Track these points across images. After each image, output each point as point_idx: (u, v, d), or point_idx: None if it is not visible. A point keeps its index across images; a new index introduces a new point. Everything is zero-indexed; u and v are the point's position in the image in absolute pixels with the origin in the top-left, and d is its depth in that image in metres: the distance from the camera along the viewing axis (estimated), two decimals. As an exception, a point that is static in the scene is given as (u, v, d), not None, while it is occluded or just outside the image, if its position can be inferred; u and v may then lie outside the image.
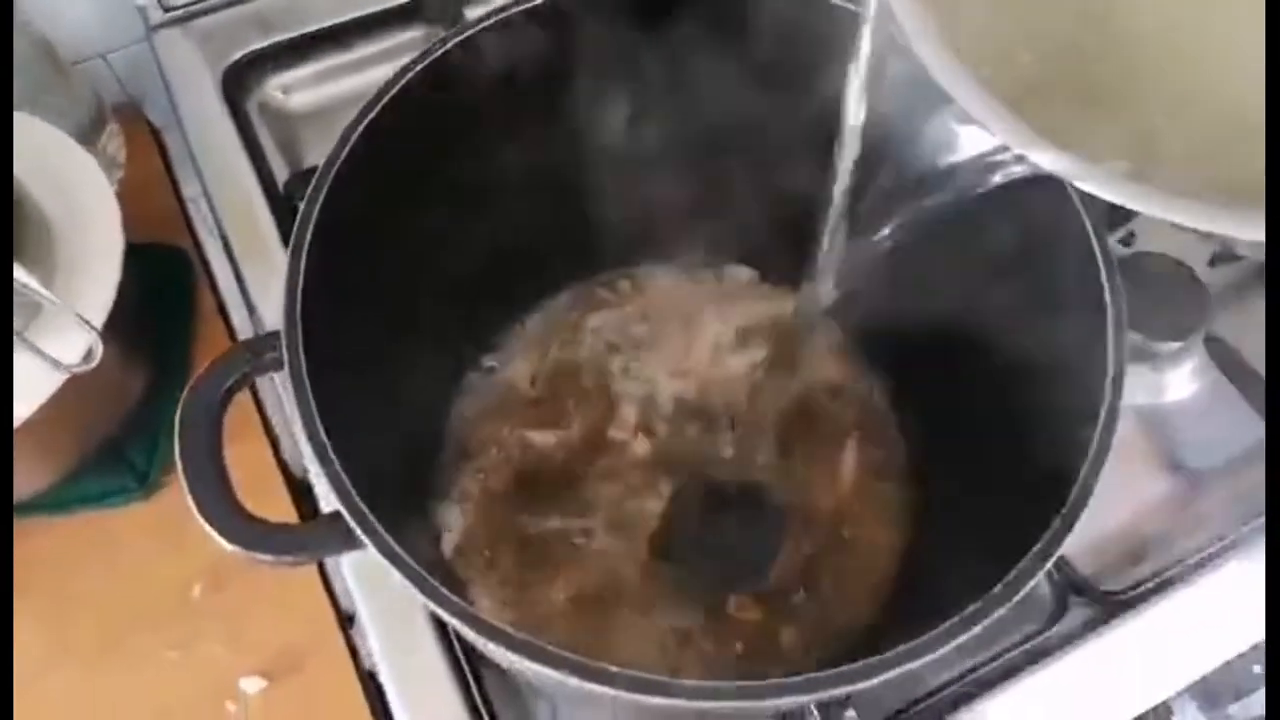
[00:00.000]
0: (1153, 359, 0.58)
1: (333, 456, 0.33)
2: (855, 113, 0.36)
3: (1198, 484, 0.56)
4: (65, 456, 0.56)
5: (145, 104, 0.73)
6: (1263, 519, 0.53)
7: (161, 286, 0.64)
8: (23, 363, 0.48)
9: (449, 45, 0.42)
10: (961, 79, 0.31)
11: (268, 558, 0.34)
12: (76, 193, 0.55)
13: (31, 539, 0.57)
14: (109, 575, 0.57)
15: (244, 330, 0.63)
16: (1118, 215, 0.44)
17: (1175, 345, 0.57)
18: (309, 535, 0.35)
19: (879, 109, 0.36)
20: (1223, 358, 0.56)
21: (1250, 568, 0.51)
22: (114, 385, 0.57)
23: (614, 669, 0.30)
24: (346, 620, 0.55)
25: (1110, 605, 0.51)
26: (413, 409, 0.45)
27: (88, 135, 0.66)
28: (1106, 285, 0.38)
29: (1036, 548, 0.34)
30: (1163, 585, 0.52)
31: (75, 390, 0.49)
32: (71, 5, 0.66)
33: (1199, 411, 0.58)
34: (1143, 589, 0.52)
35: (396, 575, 0.32)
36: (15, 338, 0.47)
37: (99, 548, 0.58)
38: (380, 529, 0.32)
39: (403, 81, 0.41)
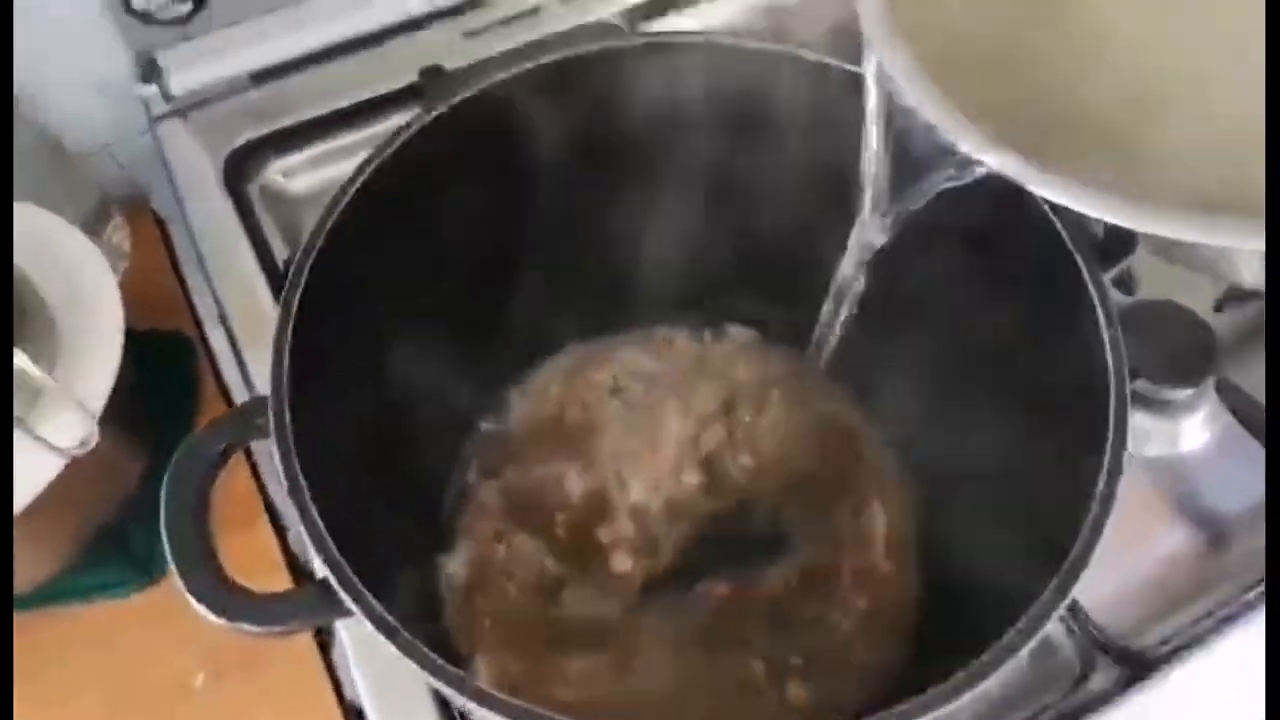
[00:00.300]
0: (1163, 408, 0.57)
1: (313, 511, 0.32)
2: (877, 175, 0.37)
3: (1221, 535, 0.55)
4: (64, 545, 0.56)
5: (150, 195, 0.74)
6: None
7: (164, 372, 0.64)
8: (21, 450, 0.48)
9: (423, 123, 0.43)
10: (947, 109, 0.31)
11: (253, 628, 0.33)
12: (78, 279, 0.56)
13: (32, 625, 0.56)
14: (110, 663, 0.56)
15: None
16: (1112, 252, 0.44)
17: (1186, 392, 0.56)
18: (295, 602, 0.34)
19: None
20: (1235, 401, 0.55)
21: (1280, 619, 0.49)
22: (112, 471, 0.57)
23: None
24: (353, 714, 0.53)
25: (1138, 663, 0.49)
26: (406, 479, 0.45)
27: (92, 226, 0.67)
28: (1104, 323, 0.37)
29: (1044, 596, 0.33)
30: (1191, 641, 0.50)
31: (73, 476, 0.49)
32: (76, 98, 0.68)
33: (1215, 460, 0.57)
34: (1172, 645, 0.50)
35: (387, 646, 0.31)
36: (15, 425, 0.47)
37: (100, 634, 0.57)
38: (366, 593, 0.31)
39: (377, 161, 0.42)
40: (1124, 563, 0.54)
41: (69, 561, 0.56)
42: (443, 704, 0.47)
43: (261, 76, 0.69)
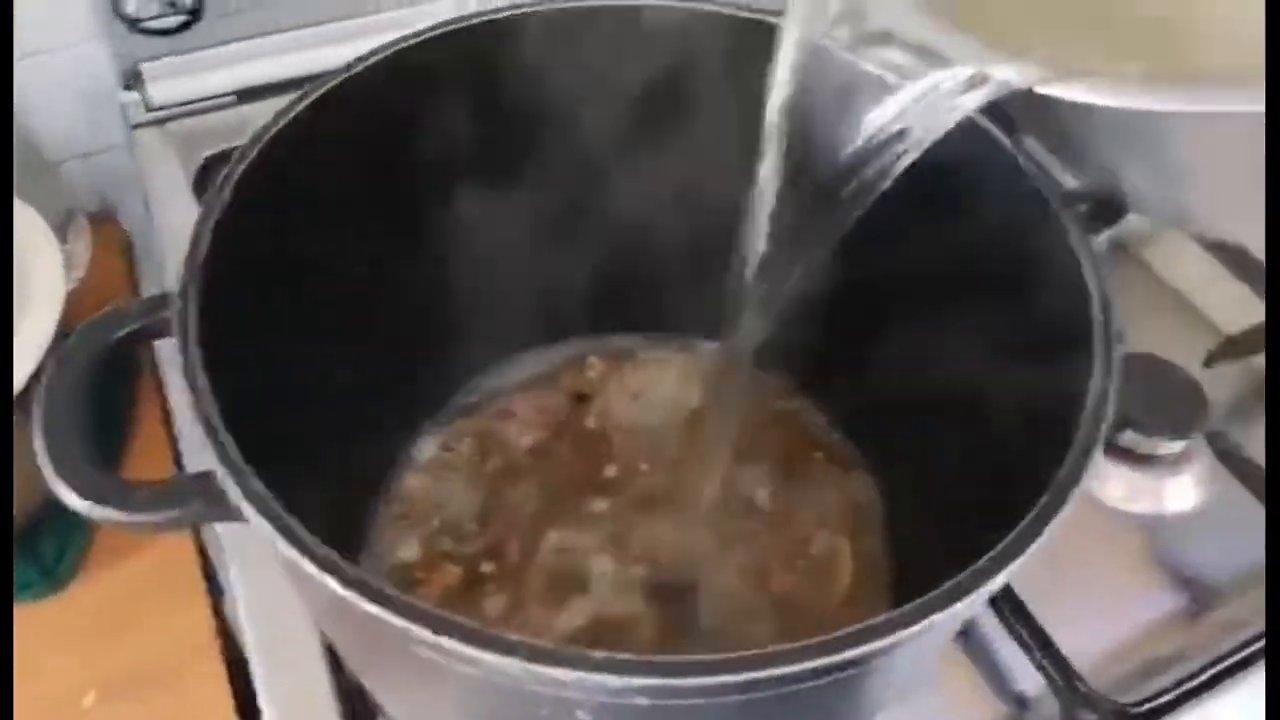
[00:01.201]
0: (1151, 465, 0.54)
1: (206, 385, 0.29)
2: (779, 122, 0.34)
3: (1208, 597, 0.51)
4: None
5: (119, 211, 0.73)
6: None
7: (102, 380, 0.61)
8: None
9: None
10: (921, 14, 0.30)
11: (121, 515, 0.29)
12: (28, 276, 0.54)
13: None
14: (0, 670, 0.51)
15: (186, 430, 0.60)
16: (1100, 218, 0.42)
17: (1176, 446, 0.53)
18: (172, 491, 0.30)
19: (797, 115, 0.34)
20: (1226, 455, 0.52)
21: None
22: (31, 474, 0.54)
23: (514, 638, 0.25)
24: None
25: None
26: (339, 427, 0.41)
27: (56, 230, 0.65)
28: (1089, 270, 0.34)
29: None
30: (1178, 700, 0.46)
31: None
32: (58, 103, 0.67)
33: (1206, 520, 0.54)
34: (1158, 703, 0.46)
35: (276, 540, 0.27)
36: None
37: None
38: (251, 474, 0.28)
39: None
40: (1111, 619, 0.51)
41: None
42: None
43: (248, 95, 0.69)
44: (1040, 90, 0.27)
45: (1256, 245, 0.57)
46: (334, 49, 0.68)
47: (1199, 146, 0.30)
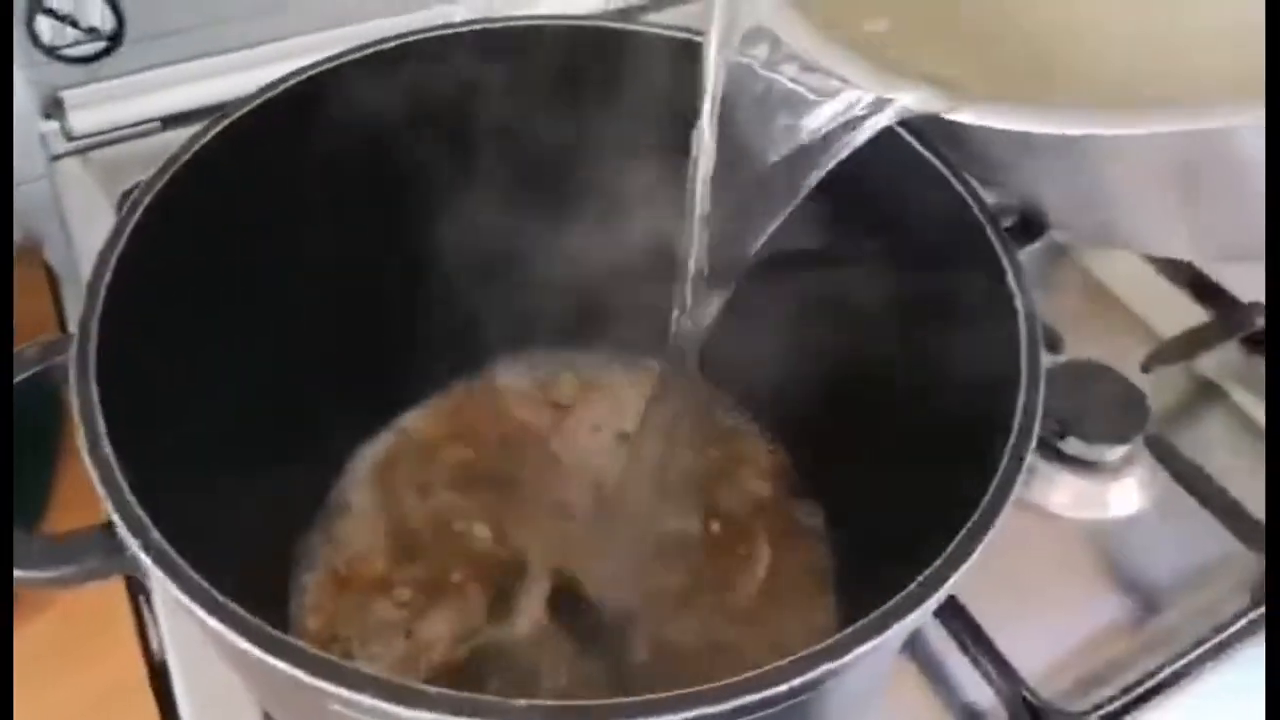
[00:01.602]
0: (1094, 471, 0.54)
1: (106, 446, 0.28)
2: (707, 133, 0.34)
3: (1155, 600, 0.51)
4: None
5: (44, 245, 0.71)
6: (1227, 633, 0.47)
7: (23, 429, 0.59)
8: None
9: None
10: (824, 43, 0.30)
11: (19, 572, 0.28)
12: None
13: None
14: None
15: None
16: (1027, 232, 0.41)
17: (1117, 451, 0.53)
18: (71, 544, 0.29)
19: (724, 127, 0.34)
20: (1168, 458, 0.53)
21: (1218, 682, 0.46)
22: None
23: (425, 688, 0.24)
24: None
25: (1072, 729, 0.45)
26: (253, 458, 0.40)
27: (-26, 265, 0.63)
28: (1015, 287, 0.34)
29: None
30: (1126, 707, 0.46)
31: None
32: (-29, 133, 0.65)
33: (1149, 525, 0.54)
34: (1106, 710, 0.45)
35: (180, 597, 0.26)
36: None
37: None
38: (152, 527, 0.26)
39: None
40: (1059, 627, 0.50)
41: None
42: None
43: (172, 121, 0.67)
44: (946, 116, 0.27)
45: (1193, 258, 0.58)
46: (259, 72, 0.67)
47: (1118, 169, 0.30)
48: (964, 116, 0.28)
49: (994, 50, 0.33)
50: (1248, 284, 0.59)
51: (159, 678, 0.51)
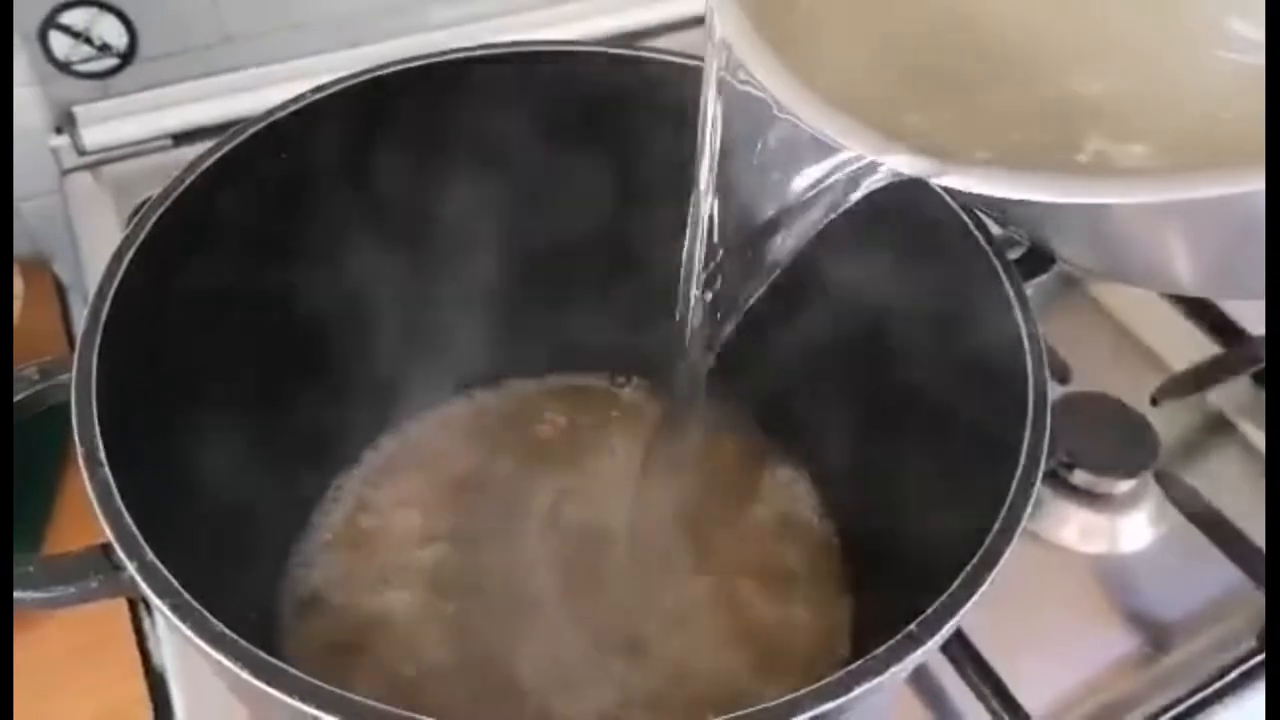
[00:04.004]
0: (1104, 504, 0.54)
1: (105, 468, 0.27)
2: (708, 168, 0.34)
3: (1163, 638, 0.51)
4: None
5: (53, 259, 0.71)
6: (1235, 673, 0.47)
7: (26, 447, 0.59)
8: None
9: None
10: (812, 102, 0.29)
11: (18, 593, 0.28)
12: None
13: None
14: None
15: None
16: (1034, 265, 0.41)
17: (1126, 485, 0.53)
18: (67, 565, 0.29)
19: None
20: (1177, 494, 0.52)
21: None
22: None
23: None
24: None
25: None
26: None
27: (-16, 278, 0.63)
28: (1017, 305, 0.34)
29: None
30: (1134, 745, 0.45)
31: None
32: (-16, 146, 0.66)
33: (1158, 560, 0.53)
34: (1112, 750, 0.45)
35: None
36: None
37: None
38: (146, 549, 0.26)
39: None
40: (1065, 662, 0.50)
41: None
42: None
43: (183, 138, 0.67)
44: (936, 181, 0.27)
45: (1204, 295, 0.57)
46: (271, 90, 0.67)
47: (1113, 225, 0.30)
48: (952, 181, 0.27)
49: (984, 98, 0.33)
50: (1259, 317, 0.59)
51: (157, 690, 0.51)
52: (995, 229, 0.36)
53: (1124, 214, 0.28)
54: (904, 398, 0.40)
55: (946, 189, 0.36)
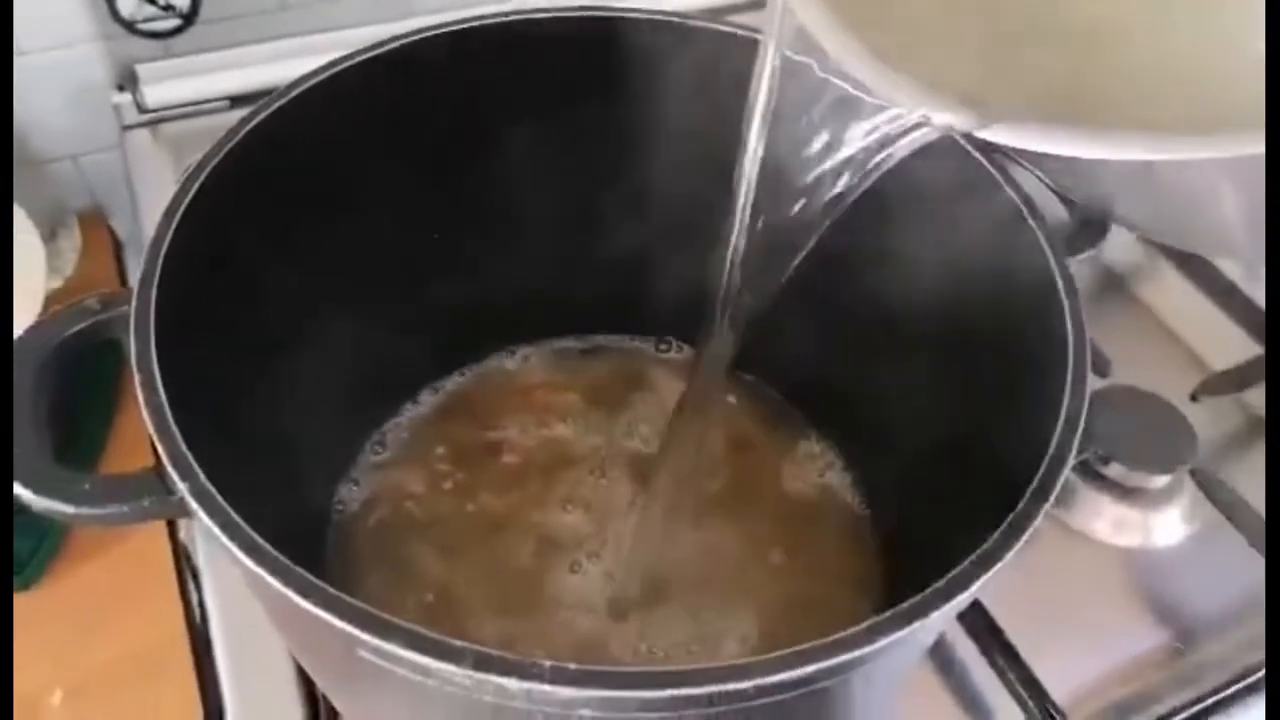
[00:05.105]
0: (1138, 497, 0.53)
1: (161, 393, 0.28)
2: (756, 138, 0.34)
3: (1194, 633, 0.50)
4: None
5: (111, 214, 0.73)
6: (1261, 673, 0.47)
7: (83, 376, 0.60)
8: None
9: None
10: (868, 59, 0.29)
11: (68, 509, 0.29)
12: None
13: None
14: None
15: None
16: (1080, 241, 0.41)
17: (1162, 480, 0.53)
18: (123, 484, 0.30)
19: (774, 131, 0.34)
20: (1213, 491, 0.52)
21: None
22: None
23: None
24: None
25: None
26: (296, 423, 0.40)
27: (45, 229, 0.65)
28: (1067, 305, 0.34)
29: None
30: (1159, 736, 0.45)
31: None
32: (49, 101, 0.67)
33: (1192, 556, 0.53)
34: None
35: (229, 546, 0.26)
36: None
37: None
38: (199, 472, 0.27)
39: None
40: (1092, 653, 0.50)
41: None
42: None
43: (241, 100, 0.68)
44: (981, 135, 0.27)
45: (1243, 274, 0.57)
46: (327, 57, 0.68)
47: (1189, 179, 0.30)
48: (998, 136, 0.27)
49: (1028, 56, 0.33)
50: (1304, 319, 0.59)
51: (197, 639, 0.52)
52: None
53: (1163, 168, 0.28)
54: (936, 370, 0.41)
55: (993, 159, 0.36)
